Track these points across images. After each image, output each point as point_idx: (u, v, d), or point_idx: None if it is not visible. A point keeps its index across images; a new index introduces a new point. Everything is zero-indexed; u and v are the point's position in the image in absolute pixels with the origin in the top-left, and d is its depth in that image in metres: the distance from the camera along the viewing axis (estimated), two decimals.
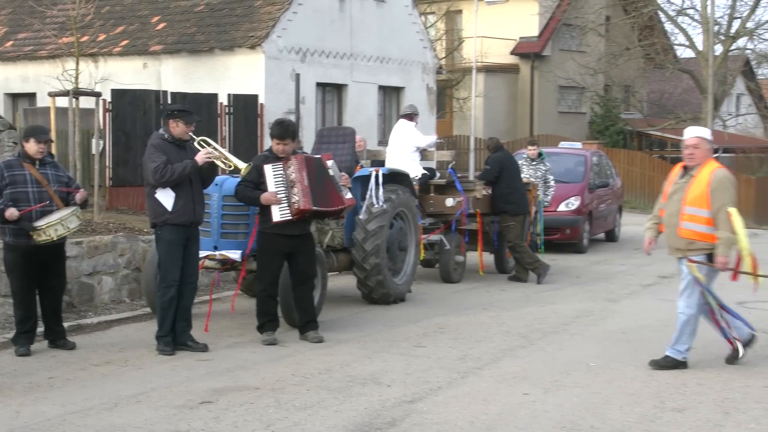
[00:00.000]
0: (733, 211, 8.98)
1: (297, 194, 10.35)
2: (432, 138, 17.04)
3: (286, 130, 10.59)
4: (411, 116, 16.49)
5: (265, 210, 10.41)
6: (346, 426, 7.34)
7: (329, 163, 11.04)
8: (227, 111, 21.84)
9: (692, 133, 9.41)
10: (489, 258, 16.56)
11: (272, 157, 10.55)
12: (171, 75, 25.05)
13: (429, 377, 8.92)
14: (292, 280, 10.63)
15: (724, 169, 9.42)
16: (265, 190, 10.35)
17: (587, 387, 8.61)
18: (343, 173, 11.48)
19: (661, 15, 41.66)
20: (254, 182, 10.43)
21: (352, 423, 7.41)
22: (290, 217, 10.33)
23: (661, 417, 7.66)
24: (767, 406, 7.96)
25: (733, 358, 9.53)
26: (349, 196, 11.12)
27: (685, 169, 9.33)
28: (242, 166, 10.35)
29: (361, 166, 14.00)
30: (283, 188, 10.36)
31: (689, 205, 9.09)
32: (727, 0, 41.40)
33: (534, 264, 15.47)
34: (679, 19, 41.29)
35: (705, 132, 9.57)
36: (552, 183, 18.44)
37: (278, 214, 10.33)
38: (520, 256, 15.52)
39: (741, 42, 42.30)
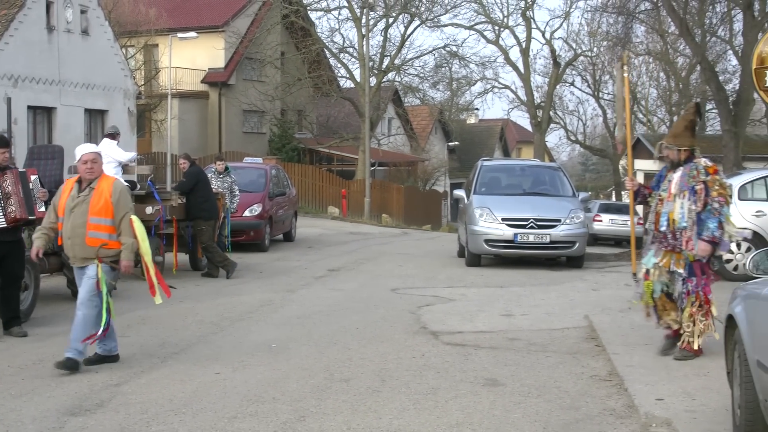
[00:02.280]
0: (135, 219, 8.62)
1: (13, 205, 9.97)
2: (132, 154, 16.75)
3: (2, 138, 10.30)
4: (113, 135, 16.26)
5: None
6: (58, 409, 7.08)
7: (33, 177, 10.74)
8: None
9: (88, 149, 8.75)
10: (184, 258, 16.40)
11: None
12: None
13: (132, 363, 8.74)
14: (2, 281, 10.12)
15: (121, 181, 9.05)
16: None
17: (269, 365, 8.67)
18: (43, 188, 11.05)
19: (327, 52, 42.59)
20: None
21: (64, 406, 7.15)
22: (5, 225, 9.94)
23: (331, 387, 7.83)
24: (414, 372, 8.29)
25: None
26: (42, 209, 10.69)
27: (80, 182, 8.59)
28: None
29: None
30: None
31: (94, 216, 8.45)
32: (379, 41, 42.79)
33: (223, 262, 15.46)
34: (341, 55, 42.42)
35: (98, 148, 9.07)
36: (237, 192, 18.48)
37: None
38: (212, 255, 15.48)
39: (391, 75, 43.97)
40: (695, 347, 8.53)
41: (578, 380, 8.06)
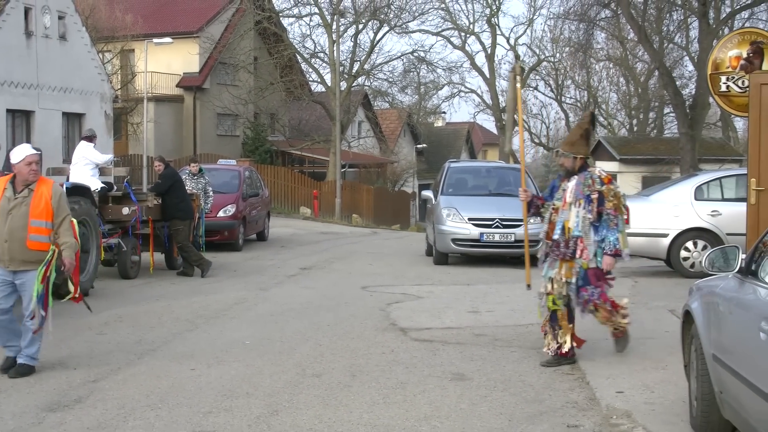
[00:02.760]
0: (74, 221, 8.42)
1: None
2: (108, 156, 16.66)
3: None
4: (90, 138, 16.19)
5: None
6: (37, 405, 7.02)
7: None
8: None
9: (32, 151, 8.15)
10: (160, 257, 16.32)
11: None
12: None
13: (110, 359, 8.69)
14: None
15: (58, 185, 8.62)
16: None
17: (243, 361, 8.65)
18: None
19: (298, 57, 42.50)
20: None
21: (43, 402, 7.10)
22: None
23: (303, 382, 7.82)
24: (384, 368, 8.30)
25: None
26: None
27: (13, 183, 8.09)
28: None
29: None
30: None
31: (35, 219, 8.07)
32: (349, 46, 42.78)
33: (199, 261, 15.40)
34: (313, 60, 42.33)
35: (37, 150, 8.48)
36: (211, 193, 18.44)
37: None
38: (187, 254, 15.43)
39: (360, 80, 43.96)
40: (620, 331, 8.54)
41: (542, 374, 8.10)
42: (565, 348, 8.36)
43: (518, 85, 10.53)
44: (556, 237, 8.37)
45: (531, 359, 8.67)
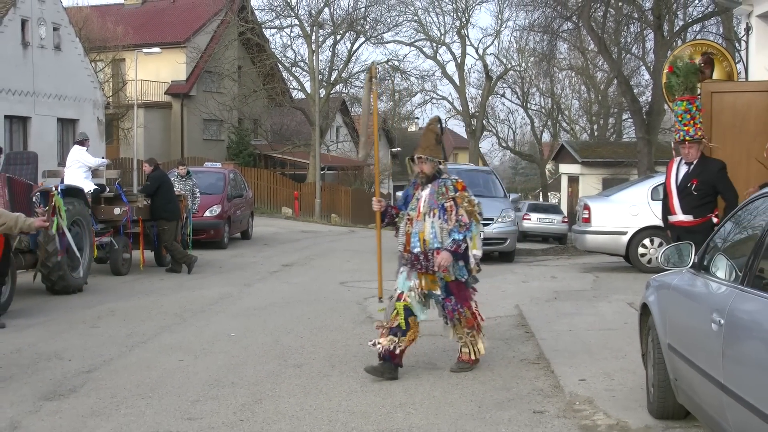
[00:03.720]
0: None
1: None
2: (100, 160, 16.55)
3: None
4: (82, 142, 16.13)
5: None
6: (34, 394, 6.97)
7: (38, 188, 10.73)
8: None
9: None
10: (150, 255, 16.25)
11: None
12: None
13: (103, 351, 8.64)
14: None
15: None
16: None
17: (228, 352, 8.63)
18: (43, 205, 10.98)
19: (280, 66, 42.43)
20: None
21: (39, 392, 7.05)
22: None
23: (285, 372, 7.81)
24: (361, 358, 8.29)
25: None
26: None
27: None
28: None
29: (43, 183, 13.44)
30: None
31: None
32: (327, 56, 42.71)
33: (184, 258, 15.33)
34: (293, 69, 42.29)
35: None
36: (198, 194, 18.39)
37: None
38: (173, 252, 15.37)
39: (338, 87, 43.93)
40: (472, 357, 7.75)
41: (509, 364, 8.12)
42: (397, 350, 7.48)
43: (374, 88, 8.82)
44: (415, 250, 7.48)
45: (499, 350, 8.69)
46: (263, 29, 42.22)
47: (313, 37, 39.17)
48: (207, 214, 19.73)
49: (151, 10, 44.42)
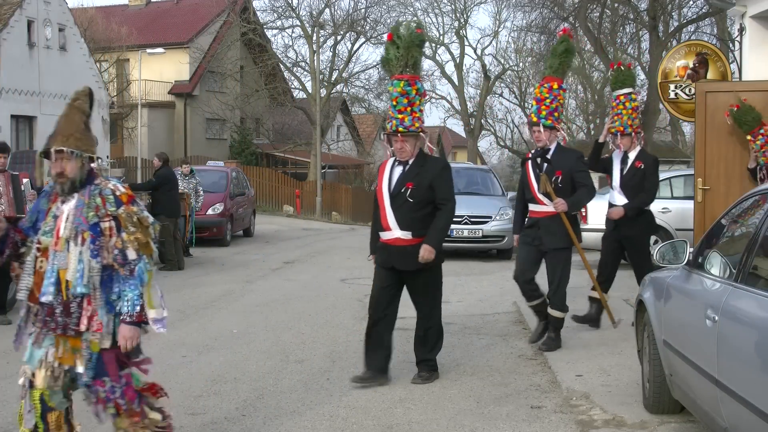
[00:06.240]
0: None
1: (3, 204, 9.87)
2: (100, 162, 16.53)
3: (4, 146, 10.28)
4: None
5: None
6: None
7: (24, 180, 10.63)
8: None
9: None
10: None
11: None
12: None
13: None
14: None
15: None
16: None
17: (231, 348, 8.63)
18: (32, 190, 10.91)
19: (281, 66, 42.40)
20: None
21: None
22: None
23: (287, 368, 7.81)
24: (362, 354, 8.27)
25: None
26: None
27: None
28: None
29: (47, 182, 13.42)
30: None
31: None
32: (328, 56, 42.70)
33: (173, 260, 15.23)
34: (295, 69, 42.22)
35: None
36: (201, 193, 18.34)
37: None
38: (165, 250, 15.31)
39: (339, 87, 43.88)
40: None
41: (507, 359, 8.11)
42: None
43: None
44: (46, 299, 4.59)
45: (497, 346, 8.69)
46: (265, 30, 42.18)
47: (314, 38, 39.14)
48: (210, 212, 19.72)
49: (154, 11, 44.40)
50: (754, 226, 4.72)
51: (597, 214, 15.23)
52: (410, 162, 7.13)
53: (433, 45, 50.52)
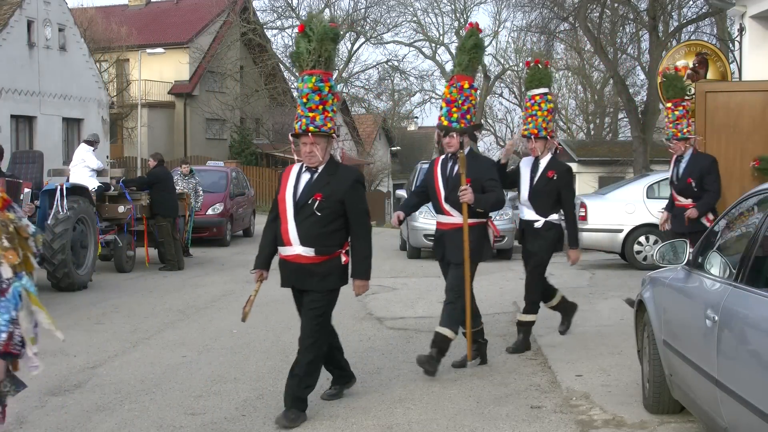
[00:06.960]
0: None
1: None
2: (99, 163, 16.44)
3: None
4: (91, 142, 16.08)
5: None
6: (40, 390, 6.96)
7: (26, 191, 10.65)
8: None
9: None
10: (153, 252, 16.23)
11: None
12: None
13: (107, 347, 8.64)
14: None
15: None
16: None
17: (231, 348, 8.63)
18: (31, 203, 10.94)
19: (281, 66, 42.41)
20: None
21: (45, 387, 7.04)
22: None
23: (286, 368, 7.63)
24: (361, 354, 8.29)
25: None
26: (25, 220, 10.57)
27: None
28: None
29: (48, 182, 13.45)
30: None
31: None
32: None
33: (171, 259, 15.27)
34: (295, 69, 42.19)
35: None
36: (201, 193, 18.36)
37: None
38: (165, 250, 15.34)
39: (339, 87, 43.87)
40: None
41: (507, 359, 8.11)
42: None
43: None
44: None
45: (497, 346, 8.69)
46: (265, 30, 42.22)
47: None
48: (210, 212, 19.73)
49: (154, 11, 44.40)
50: (754, 226, 4.72)
51: (597, 214, 15.26)
52: (320, 169, 6.24)
53: (433, 45, 50.54)
